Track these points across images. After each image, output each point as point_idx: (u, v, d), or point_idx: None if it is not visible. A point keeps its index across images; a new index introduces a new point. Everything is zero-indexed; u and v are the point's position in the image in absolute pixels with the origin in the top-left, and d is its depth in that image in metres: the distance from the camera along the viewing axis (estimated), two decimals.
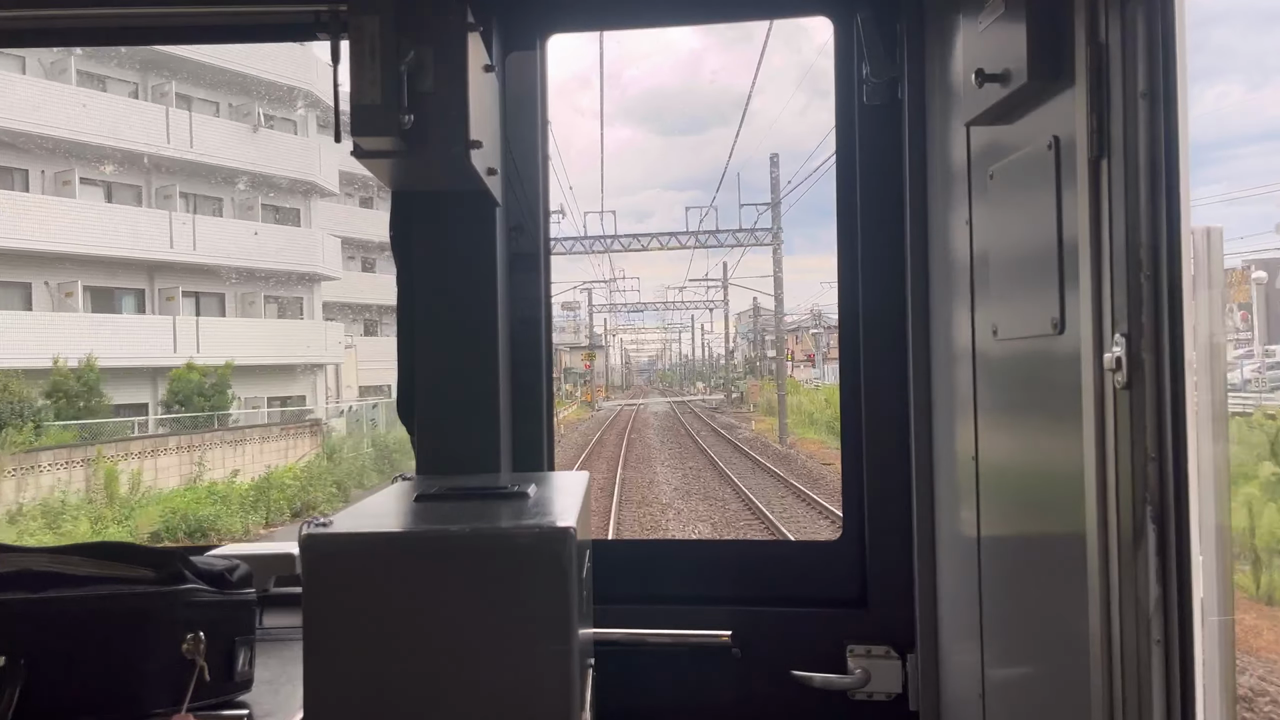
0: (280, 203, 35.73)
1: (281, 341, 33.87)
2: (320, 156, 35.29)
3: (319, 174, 35.68)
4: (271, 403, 33.50)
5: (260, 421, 30.89)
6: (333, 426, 31.02)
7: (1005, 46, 1.72)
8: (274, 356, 32.97)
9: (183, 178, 32.04)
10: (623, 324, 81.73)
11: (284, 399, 34.34)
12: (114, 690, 1.72)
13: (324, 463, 25.86)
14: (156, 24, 2.80)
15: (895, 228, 2.51)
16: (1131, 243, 1.42)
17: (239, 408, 31.15)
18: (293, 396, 34.84)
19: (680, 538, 15.20)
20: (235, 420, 29.83)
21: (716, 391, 67.65)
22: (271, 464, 25.40)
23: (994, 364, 1.98)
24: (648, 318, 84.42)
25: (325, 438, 29.25)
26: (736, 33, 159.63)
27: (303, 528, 1.68)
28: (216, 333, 31.49)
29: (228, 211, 34.43)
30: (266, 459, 26.42)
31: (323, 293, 37.72)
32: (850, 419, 2.66)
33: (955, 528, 2.26)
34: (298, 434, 29.42)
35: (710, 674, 2.57)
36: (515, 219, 2.68)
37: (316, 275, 36.22)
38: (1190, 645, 1.39)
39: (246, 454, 26.44)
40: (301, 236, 35.46)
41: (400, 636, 1.63)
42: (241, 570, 1.93)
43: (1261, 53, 79.28)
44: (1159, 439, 1.41)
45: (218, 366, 29.25)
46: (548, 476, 2.33)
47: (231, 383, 29.72)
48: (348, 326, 40.64)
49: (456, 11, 2.10)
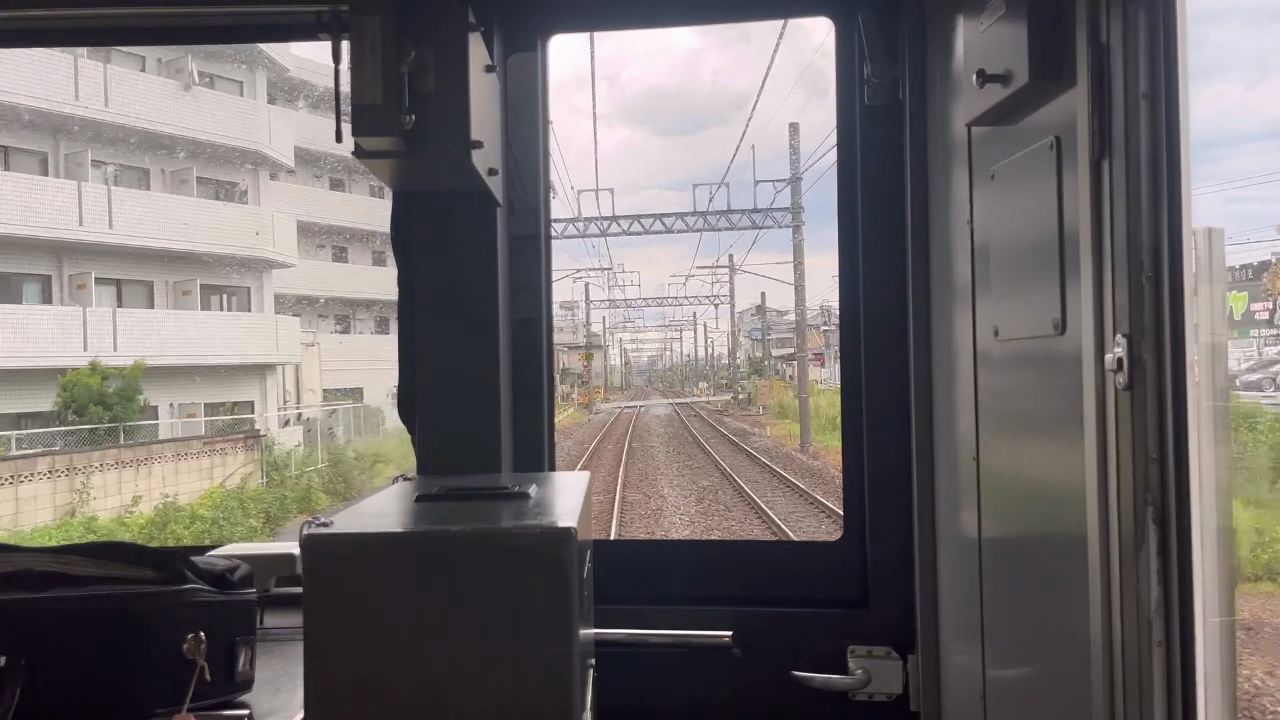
0: (222, 176, 30.68)
1: (223, 338, 28.54)
2: (270, 124, 30.88)
3: (269, 145, 30.73)
4: (214, 410, 28.31)
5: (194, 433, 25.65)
6: (275, 439, 26.23)
7: (1007, 46, 1.71)
8: (210, 355, 27.74)
9: (101, 144, 26.79)
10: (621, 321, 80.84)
11: (230, 405, 28.94)
12: (115, 690, 1.72)
13: (258, 485, 21.99)
14: (157, 24, 2.80)
15: (896, 228, 2.50)
16: (1133, 243, 1.42)
17: (173, 415, 26.72)
18: (240, 403, 29.57)
19: (680, 538, 15.18)
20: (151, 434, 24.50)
21: (721, 392, 65.88)
22: (188, 488, 21.26)
23: (995, 364, 1.98)
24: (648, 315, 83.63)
25: (266, 452, 24.59)
26: (735, 32, 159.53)
27: (304, 528, 1.68)
28: (139, 327, 26.33)
29: (157, 185, 29.07)
30: (184, 481, 21.76)
31: (280, 283, 32.59)
32: (851, 419, 2.66)
33: (956, 528, 2.26)
34: (228, 449, 24.11)
35: (711, 674, 2.57)
36: (516, 219, 2.69)
37: (266, 262, 30.89)
38: (1191, 647, 1.38)
39: (157, 476, 21.52)
40: (249, 216, 30.26)
41: (401, 637, 1.63)
42: (242, 570, 1.93)
43: (1260, 51, 79.44)
44: (1160, 440, 1.41)
45: (125, 368, 24.18)
46: (548, 477, 2.33)
47: (144, 387, 24.76)
48: (315, 322, 36.25)
49: (457, 12, 2.10)
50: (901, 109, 2.47)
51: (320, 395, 34.07)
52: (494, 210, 2.54)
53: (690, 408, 54.54)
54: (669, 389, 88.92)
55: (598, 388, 65.17)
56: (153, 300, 28.48)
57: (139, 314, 27.14)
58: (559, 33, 2.76)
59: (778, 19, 20.29)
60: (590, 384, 58.17)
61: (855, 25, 2.51)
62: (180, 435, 25.38)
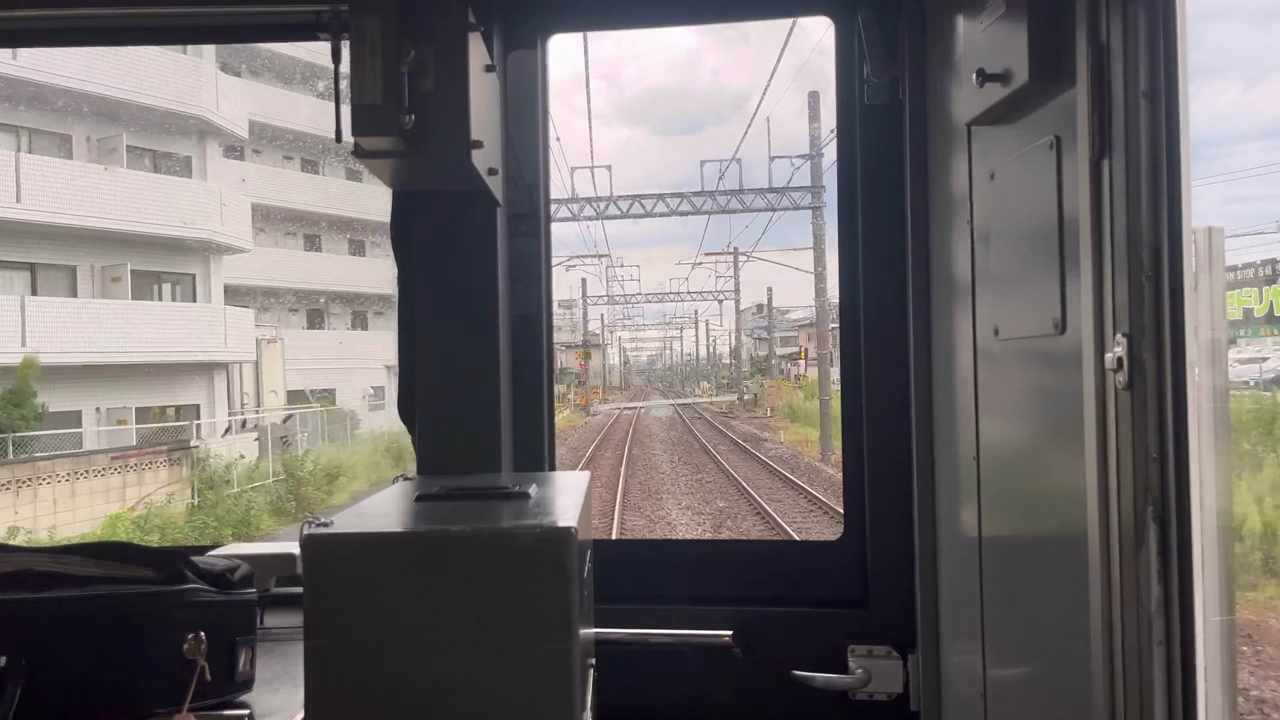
0: (161, 146, 26.88)
1: (160, 332, 24.53)
2: (218, 87, 27.22)
3: (216, 111, 26.98)
4: (149, 415, 24.59)
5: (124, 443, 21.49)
6: (210, 450, 22.25)
7: (1006, 46, 1.72)
8: (146, 352, 23.77)
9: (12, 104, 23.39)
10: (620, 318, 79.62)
11: (161, 411, 25.25)
12: (115, 690, 1.72)
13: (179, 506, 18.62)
14: (157, 24, 2.80)
15: (896, 227, 2.51)
16: (1133, 242, 1.42)
17: (100, 423, 22.99)
18: (184, 406, 25.97)
19: (681, 537, 15.12)
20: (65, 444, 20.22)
21: (724, 392, 63.99)
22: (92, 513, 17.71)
23: (995, 364, 1.98)
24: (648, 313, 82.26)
25: (199, 466, 20.79)
26: (734, 32, 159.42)
27: (304, 528, 1.68)
28: (54, 319, 22.62)
29: (80, 154, 25.20)
30: (85, 506, 17.85)
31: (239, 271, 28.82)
32: (851, 419, 2.66)
33: (956, 528, 2.26)
34: (149, 463, 19.86)
35: (711, 674, 2.57)
36: (516, 219, 2.69)
37: (214, 245, 26.85)
38: (1191, 646, 1.38)
39: (46, 500, 17.54)
40: (192, 192, 26.11)
41: (401, 636, 1.63)
42: (242, 570, 1.93)
43: (1259, 50, 79.40)
44: (1160, 439, 1.41)
45: (15, 366, 20.34)
46: (549, 476, 2.33)
47: (62, 389, 21.15)
48: (284, 317, 32.61)
49: (457, 11, 2.10)
50: (901, 108, 2.47)
51: (284, 397, 29.44)
52: (494, 210, 2.55)
53: (693, 409, 52.13)
54: (669, 389, 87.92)
55: (596, 388, 63.22)
56: (75, 288, 24.53)
57: (57, 304, 23.37)
58: (559, 32, 2.76)
59: (777, 18, 20.22)
60: (588, 384, 56.68)
61: (855, 25, 2.51)
62: (105, 446, 21.32)
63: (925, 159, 2.41)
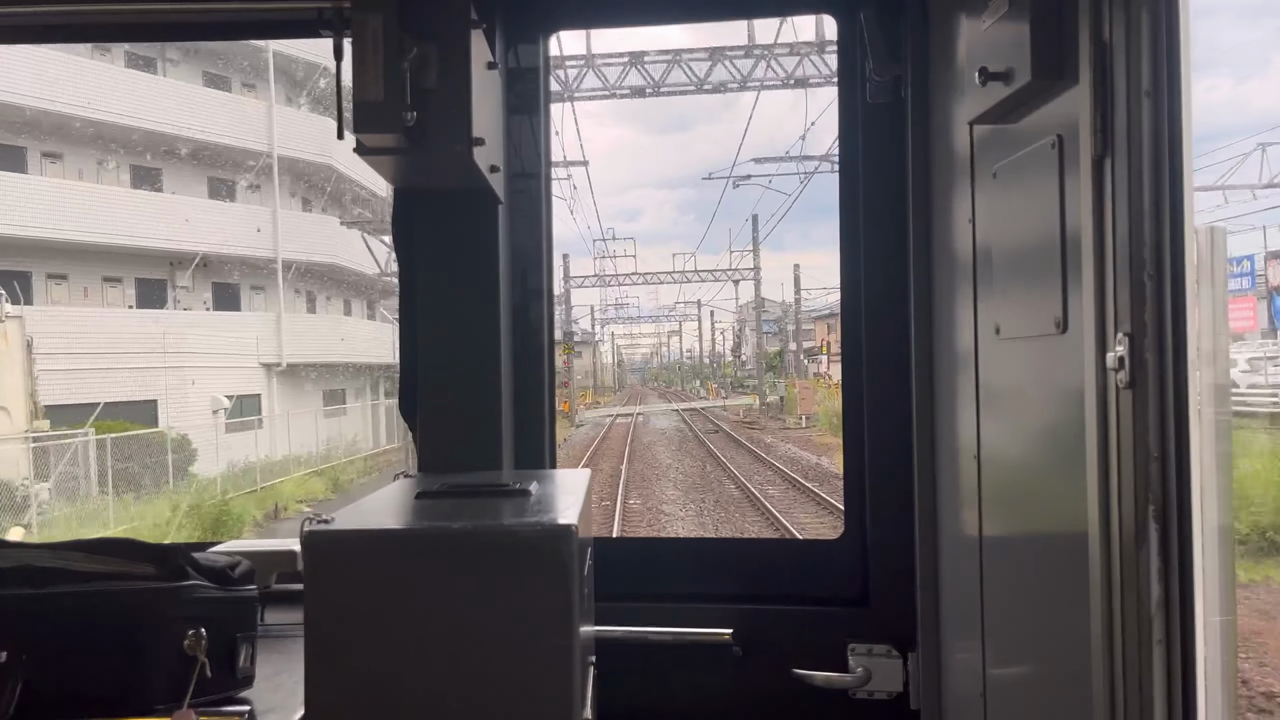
0: None
1: None
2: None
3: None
4: None
5: None
6: None
7: (1009, 44, 1.71)
8: None
9: None
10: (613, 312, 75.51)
11: None
12: (116, 686, 1.72)
13: None
14: (159, 20, 2.81)
15: (898, 226, 2.50)
16: (1135, 241, 1.42)
17: None
18: None
19: (681, 536, 15.14)
20: None
21: (735, 394, 54.85)
22: None
23: (996, 362, 1.98)
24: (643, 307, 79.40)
25: None
26: (730, 30, 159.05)
27: (304, 525, 1.68)
28: None
29: None
30: None
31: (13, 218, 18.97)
32: (853, 417, 2.66)
33: (957, 526, 2.26)
34: None
35: (711, 672, 2.57)
36: (517, 216, 2.69)
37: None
38: (1191, 645, 1.38)
39: None
40: None
41: (402, 633, 1.63)
42: (243, 567, 1.93)
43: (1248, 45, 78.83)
44: (1161, 438, 1.40)
45: None
46: (549, 474, 2.33)
47: None
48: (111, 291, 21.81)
49: (459, 8, 2.10)
50: (903, 107, 2.46)
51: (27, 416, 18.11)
52: (495, 207, 2.55)
53: (703, 416, 42.82)
54: (668, 389, 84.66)
55: (584, 390, 56.49)
56: None
57: None
58: (560, 29, 2.76)
59: (779, 16, 20.17)
60: (573, 387, 45.47)
61: (857, 23, 2.50)
62: None
63: (927, 157, 2.41)
